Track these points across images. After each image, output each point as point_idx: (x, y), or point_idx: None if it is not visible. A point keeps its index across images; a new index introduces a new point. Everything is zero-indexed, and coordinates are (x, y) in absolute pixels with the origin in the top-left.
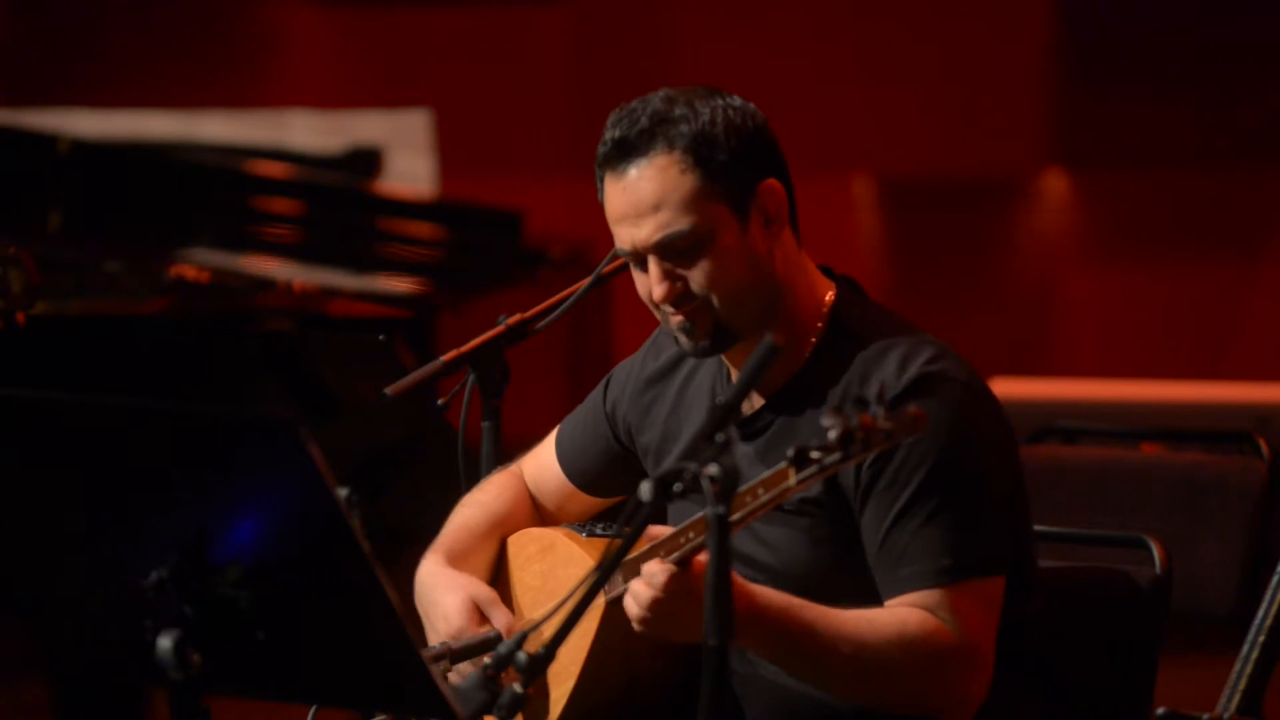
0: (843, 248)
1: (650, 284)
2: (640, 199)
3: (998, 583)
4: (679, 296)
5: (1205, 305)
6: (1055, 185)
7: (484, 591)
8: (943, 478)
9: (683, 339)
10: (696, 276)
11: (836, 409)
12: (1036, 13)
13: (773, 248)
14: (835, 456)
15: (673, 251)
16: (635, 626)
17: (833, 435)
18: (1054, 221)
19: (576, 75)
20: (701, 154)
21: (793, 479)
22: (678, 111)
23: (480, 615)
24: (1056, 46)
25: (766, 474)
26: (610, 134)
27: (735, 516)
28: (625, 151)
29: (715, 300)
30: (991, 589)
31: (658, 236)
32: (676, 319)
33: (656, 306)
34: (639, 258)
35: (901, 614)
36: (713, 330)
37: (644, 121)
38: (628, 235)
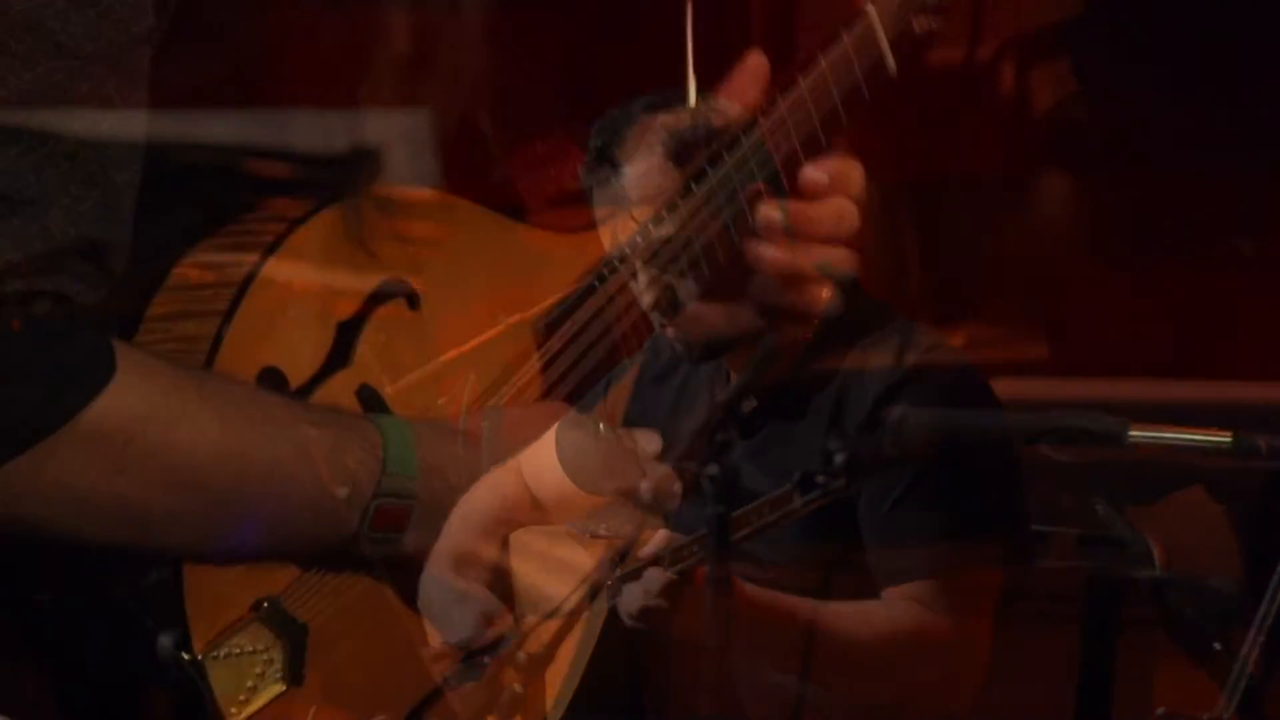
0: None
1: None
2: None
3: (996, 572)
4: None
5: (1205, 305)
6: (1055, 185)
7: (492, 603)
8: (941, 466)
9: (677, 347)
10: (685, 285)
11: (843, 431)
12: None
13: None
14: (840, 483)
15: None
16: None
17: (839, 460)
18: (1054, 221)
19: (576, 75)
20: None
21: (798, 502)
22: None
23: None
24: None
25: (773, 494)
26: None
27: (741, 533)
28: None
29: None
30: (990, 578)
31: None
32: (668, 329)
33: None
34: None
35: (898, 607)
36: (704, 339)
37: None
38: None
